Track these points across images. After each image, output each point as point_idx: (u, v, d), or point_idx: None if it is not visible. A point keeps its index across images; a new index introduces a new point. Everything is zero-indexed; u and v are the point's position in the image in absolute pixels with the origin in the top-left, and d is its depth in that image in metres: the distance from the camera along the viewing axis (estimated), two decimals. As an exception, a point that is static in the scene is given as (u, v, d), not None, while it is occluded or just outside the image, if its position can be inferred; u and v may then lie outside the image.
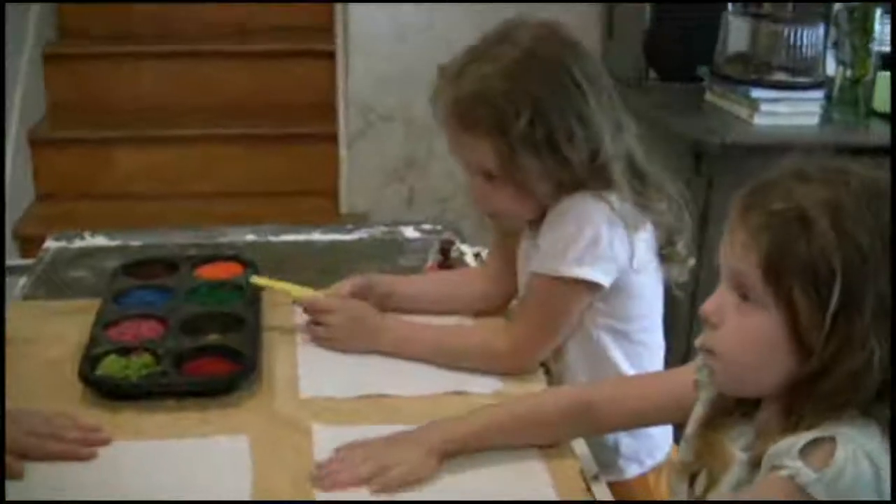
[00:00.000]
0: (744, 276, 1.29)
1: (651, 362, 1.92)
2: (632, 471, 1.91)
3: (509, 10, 1.96)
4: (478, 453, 1.63)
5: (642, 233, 1.84)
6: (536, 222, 1.89)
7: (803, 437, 1.25)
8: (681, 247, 1.89)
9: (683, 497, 1.45)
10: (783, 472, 1.24)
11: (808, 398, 1.27)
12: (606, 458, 1.85)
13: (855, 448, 1.23)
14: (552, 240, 1.82)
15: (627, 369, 1.89)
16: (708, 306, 1.35)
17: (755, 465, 1.31)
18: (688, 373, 1.52)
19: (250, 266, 2.16)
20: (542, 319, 1.86)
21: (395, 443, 1.62)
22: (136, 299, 2.04)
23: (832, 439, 1.24)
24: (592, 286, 1.82)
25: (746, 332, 1.31)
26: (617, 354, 1.89)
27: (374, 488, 1.55)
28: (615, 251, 1.81)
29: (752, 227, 1.28)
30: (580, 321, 1.87)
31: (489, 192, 1.86)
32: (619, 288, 1.83)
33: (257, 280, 2.05)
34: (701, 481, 1.44)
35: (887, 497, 1.23)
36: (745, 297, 1.30)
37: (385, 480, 1.55)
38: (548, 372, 1.90)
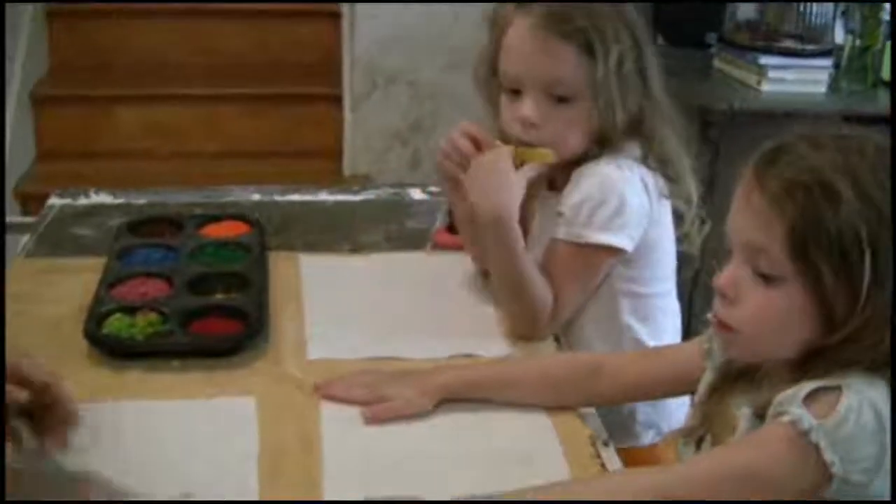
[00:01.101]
0: (764, 250, 1.27)
1: (665, 327, 1.91)
2: (649, 437, 1.90)
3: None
4: (490, 411, 1.64)
5: (664, 199, 1.83)
6: (555, 186, 1.87)
7: (808, 385, 1.24)
8: (688, 224, 1.88)
9: None
10: (785, 418, 1.23)
11: (821, 360, 1.27)
12: (623, 424, 1.86)
13: (861, 399, 1.22)
14: (576, 205, 1.81)
15: (644, 334, 1.89)
16: (724, 280, 1.33)
17: (760, 416, 1.30)
18: (691, 348, 1.52)
19: (256, 226, 2.14)
20: (565, 284, 1.84)
21: (398, 378, 1.65)
22: (140, 258, 2.03)
23: (838, 388, 1.23)
24: (616, 251, 1.81)
25: (768, 308, 1.29)
26: (633, 320, 1.89)
27: (366, 414, 1.60)
28: (640, 216, 1.80)
29: (772, 196, 1.26)
30: (600, 285, 1.86)
31: (547, 114, 1.82)
32: (640, 252, 1.83)
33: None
34: (706, 447, 1.44)
35: (888, 451, 1.22)
36: (763, 271, 1.28)
37: (377, 410, 1.60)
38: (557, 339, 1.88)
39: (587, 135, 1.83)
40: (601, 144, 1.83)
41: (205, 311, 1.85)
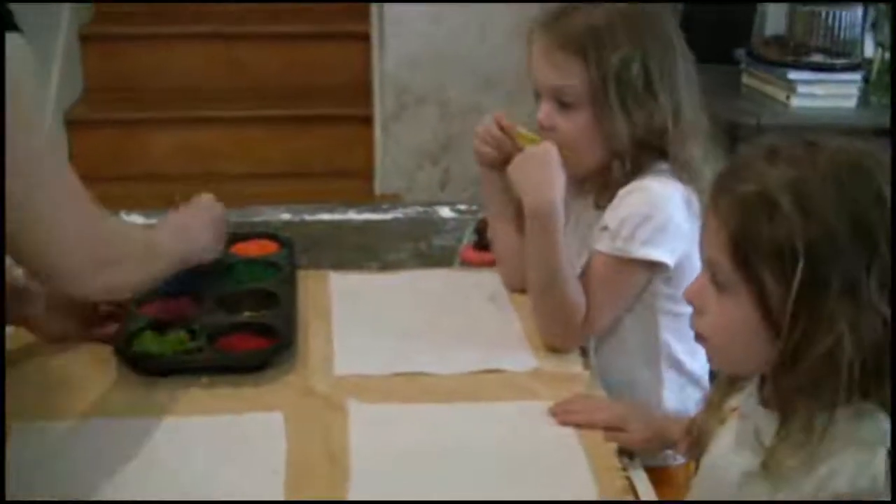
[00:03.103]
0: (715, 262, 1.31)
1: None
2: (680, 458, 1.90)
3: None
4: (517, 423, 1.66)
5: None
6: (599, 199, 1.88)
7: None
8: None
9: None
10: None
11: (790, 384, 1.27)
12: None
13: None
14: (622, 220, 1.80)
15: (681, 352, 1.89)
16: (688, 292, 1.38)
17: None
18: None
19: (286, 245, 2.15)
20: (602, 296, 1.84)
21: (635, 408, 1.71)
22: (169, 276, 2.04)
23: None
24: (657, 266, 1.81)
25: (724, 317, 1.32)
26: (671, 337, 1.88)
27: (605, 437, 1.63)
28: (682, 233, 1.79)
29: (721, 211, 1.30)
30: (637, 299, 1.87)
31: (557, 119, 1.84)
32: (681, 269, 1.80)
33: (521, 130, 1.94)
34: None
35: None
36: (718, 282, 1.31)
37: (613, 438, 1.62)
38: (584, 353, 1.88)
39: (601, 142, 1.83)
40: (618, 154, 1.83)
41: (234, 329, 1.86)
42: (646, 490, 1.54)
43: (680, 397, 1.89)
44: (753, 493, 1.32)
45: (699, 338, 1.39)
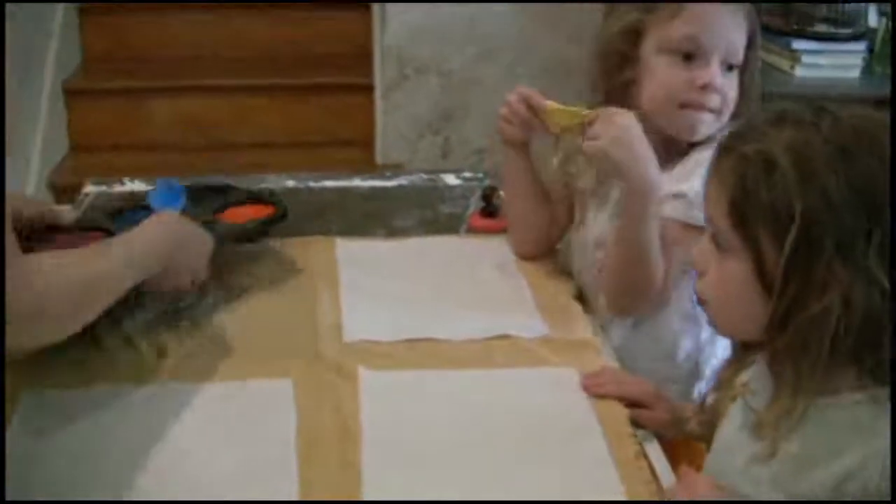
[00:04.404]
0: (716, 223, 1.31)
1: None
2: None
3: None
4: (529, 390, 1.66)
5: None
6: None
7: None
8: None
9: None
10: None
11: (779, 346, 1.27)
12: None
13: None
14: (698, 192, 1.75)
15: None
16: (694, 254, 1.38)
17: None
18: None
19: (279, 208, 2.06)
20: (672, 261, 1.81)
21: (660, 389, 1.69)
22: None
23: None
24: None
25: (723, 278, 1.32)
26: (687, 342, 1.88)
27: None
28: None
29: (723, 172, 1.30)
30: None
31: (725, 80, 1.82)
32: None
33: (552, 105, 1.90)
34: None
35: None
36: (718, 243, 1.32)
37: (638, 415, 1.63)
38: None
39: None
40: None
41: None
42: (658, 458, 1.53)
43: None
44: (756, 477, 1.32)
45: (700, 301, 1.38)
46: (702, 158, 1.76)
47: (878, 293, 1.21)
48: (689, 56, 1.81)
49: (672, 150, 1.85)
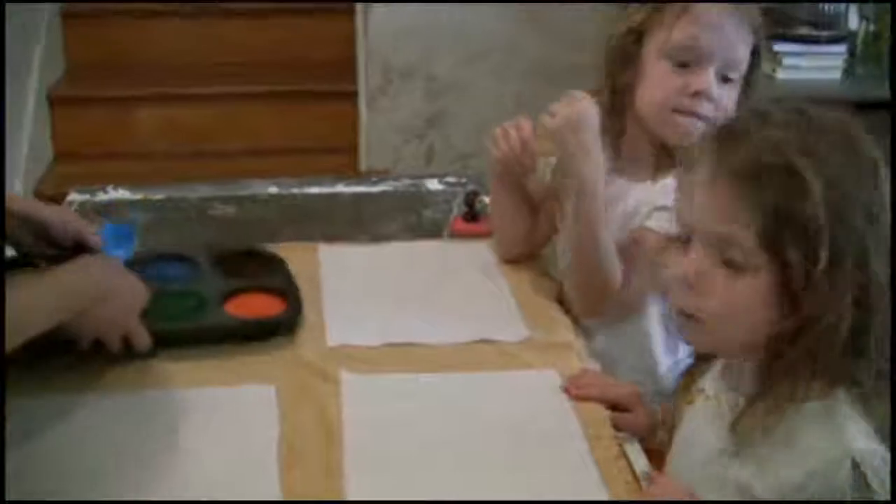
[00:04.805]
0: (731, 238, 1.25)
1: None
2: None
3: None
4: (512, 392, 1.67)
5: None
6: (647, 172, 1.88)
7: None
8: None
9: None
10: None
11: (786, 359, 1.26)
12: None
13: None
14: None
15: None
16: (689, 270, 1.30)
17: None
18: None
19: (288, 293, 1.90)
20: (643, 272, 1.82)
21: (641, 394, 1.68)
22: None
23: None
24: None
25: (733, 296, 1.27)
26: (661, 349, 1.89)
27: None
28: None
29: (741, 184, 1.24)
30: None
31: (722, 93, 1.81)
32: None
33: None
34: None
35: None
36: (732, 261, 1.26)
37: (619, 418, 1.61)
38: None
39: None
40: None
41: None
42: (638, 458, 1.54)
43: None
44: (718, 470, 1.32)
45: (685, 317, 1.33)
46: None
47: (885, 297, 1.23)
48: (686, 63, 1.81)
49: (662, 160, 1.86)
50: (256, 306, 1.86)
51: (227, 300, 1.84)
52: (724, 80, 1.81)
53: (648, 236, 1.80)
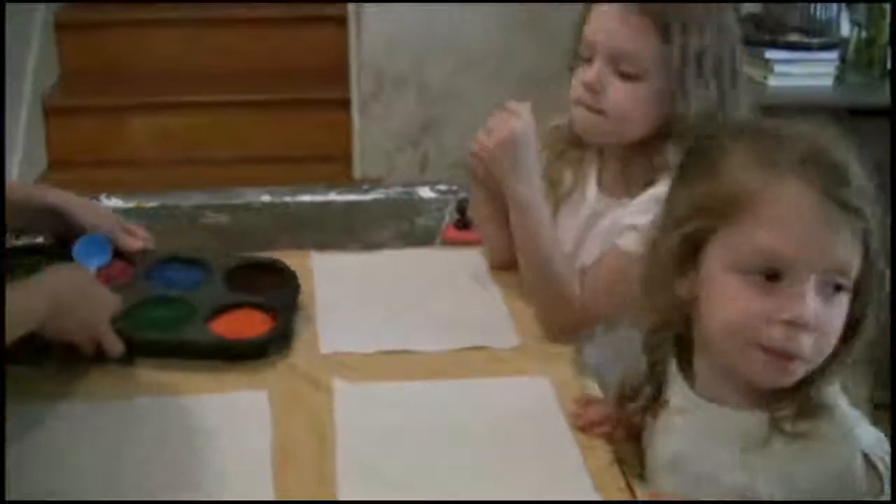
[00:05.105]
0: (843, 267, 1.24)
1: None
2: None
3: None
4: (504, 409, 1.66)
5: None
6: (629, 188, 1.87)
7: None
8: None
9: None
10: None
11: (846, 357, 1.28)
12: None
13: None
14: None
15: None
16: (812, 315, 1.25)
17: None
18: None
19: (281, 314, 1.86)
20: (615, 290, 1.78)
21: None
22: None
23: None
24: None
25: (837, 321, 1.27)
26: None
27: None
28: None
29: (840, 209, 1.23)
30: None
31: (610, 83, 1.80)
32: None
33: None
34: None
35: None
36: (840, 286, 1.25)
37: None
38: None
39: (651, 119, 1.81)
40: (666, 134, 1.80)
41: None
42: (632, 462, 1.54)
43: None
44: (730, 481, 1.32)
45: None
46: (658, 193, 1.77)
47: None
48: (589, 60, 1.83)
49: (631, 181, 1.86)
50: (242, 325, 1.82)
51: (219, 314, 1.83)
52: (622, 75, 1.80)
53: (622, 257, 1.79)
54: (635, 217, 1.78)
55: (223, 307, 1.84)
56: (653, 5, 1.78)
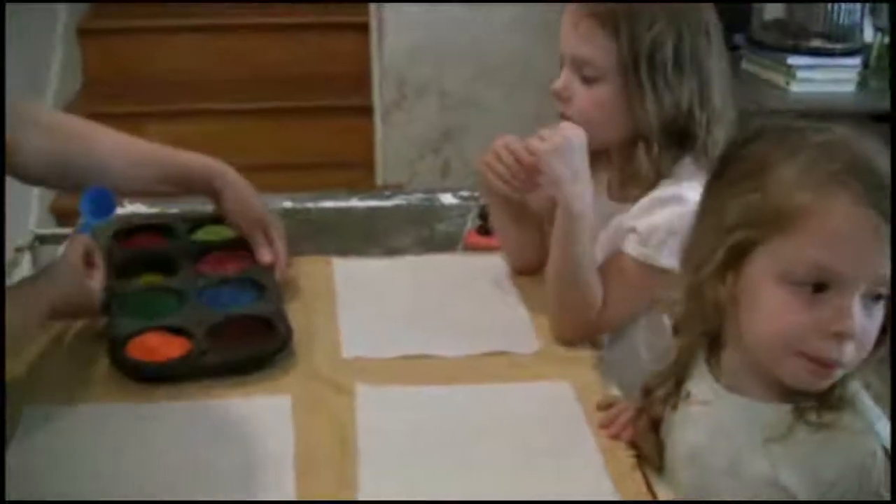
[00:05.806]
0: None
1: None
2: None
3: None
4: (523, 401, 1.66)
5: None
6: (623, 190, 1.88)
7: None
8: None
9: None
10: None
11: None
12: None
13: None
14: (655, 228, 1.77)
15: None
16: (861, 329, 1.29)
17: None
18: None
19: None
20: (623, 297, 1.82)
21: None
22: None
23: None
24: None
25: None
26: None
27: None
28: None
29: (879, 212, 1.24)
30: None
31: (576, 90, 1.83)
32: None
33: None
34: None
35: None
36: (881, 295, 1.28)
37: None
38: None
39: (619, 120, 1.82)
40: (643, 137, 1.80)
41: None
42: (651, 455, 1.53)
43: None
44: (751, 472, 1.33)
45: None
46: (658, 195, 1.78)
47: None
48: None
49: (635, 184, 1.85)
50: (156, 346, 1.76)
51: (135, 336, 1.76)
52: (585, 80, 1.82)
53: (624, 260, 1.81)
54: (635, 219, 1.80)
55: (139, 330, 1.78)
56: (598, 5, 1.79)
